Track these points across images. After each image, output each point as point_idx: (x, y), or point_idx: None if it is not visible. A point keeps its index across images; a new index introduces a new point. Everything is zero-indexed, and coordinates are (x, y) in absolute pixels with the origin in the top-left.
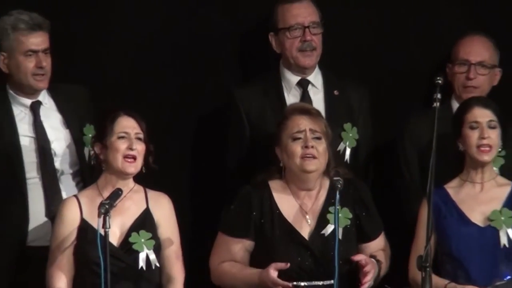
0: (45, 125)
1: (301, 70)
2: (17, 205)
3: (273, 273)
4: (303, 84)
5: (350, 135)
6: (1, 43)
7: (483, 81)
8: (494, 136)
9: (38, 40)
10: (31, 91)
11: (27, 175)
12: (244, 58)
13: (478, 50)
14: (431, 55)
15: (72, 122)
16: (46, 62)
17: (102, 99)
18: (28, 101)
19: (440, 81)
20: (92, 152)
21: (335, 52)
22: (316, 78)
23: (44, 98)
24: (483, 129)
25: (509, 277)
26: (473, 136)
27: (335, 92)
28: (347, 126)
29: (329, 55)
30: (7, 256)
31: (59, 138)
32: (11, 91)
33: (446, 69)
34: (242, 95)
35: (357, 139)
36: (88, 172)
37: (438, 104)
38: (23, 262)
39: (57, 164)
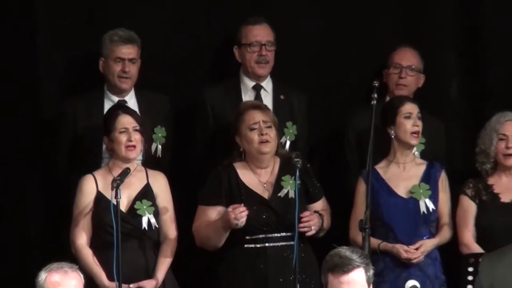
0: None
1: (256, 77)
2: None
3: (229, 208)
4: (257, 88)
5: (291, 131)
6: (102, 50)
7: (411, 81)
8: (420, 125)
9: (126, 51)
10: (118, 91)
11: (103, 155)
12: (213, 65)
13: (408, 57)
14: (368, 64)
15: (146, 121)
16: (130, 68)
17: None
18: (116, 99)
19: (376, 84)
20: (155, 146)
21: (287, 61)
22: (267, 84)
23: (131, 99)
24: (415, 118)
25: (427, 236)
26: (408, 124)
27: (281, 97)
28: (289, 124)
29: (281, 64)
30: None
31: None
32: (106, 90)
33: (383, 73)
34: (210, 94)
35: (296, 134)
36: (151, 161)
37: (375, 102)
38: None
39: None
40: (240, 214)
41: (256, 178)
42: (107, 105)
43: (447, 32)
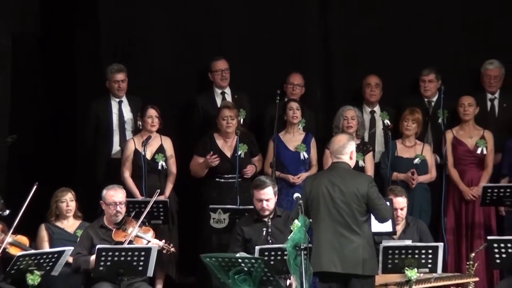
0: (123, 109)
1: (221, 88)
2: (107, 141)
3: (207, 157)
4: (223, 93)
5: (242, 114)
6: (107, 77)
7: (299, 92)
8: (298, 114)
9: (119, 77)
10: (117, 96)
11: (114, 128)
12: (201, 81)
13: (297, 78)
14: (274, 79)
15: (133, 110)
16: (122, 87)
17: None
18: (117, 99)
19: (279, 92)
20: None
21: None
22: (228, 90)
23: (125, 99)
24: (294, 109)
25: (304, 171)
26: (290, 113)
27: (235, 96)
28: (241, 110)
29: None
30: (104, 161)
31: (127, 115)
32: (111, 96)
33: (284, 87)
34: (199, 98)
35: (245, 115)
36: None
37: (278, 101)
38: (109, 164)
39: (126, 126)
40: (212, 160)
41: (225, 143)
42: (113, 103)
43: (315, 61)
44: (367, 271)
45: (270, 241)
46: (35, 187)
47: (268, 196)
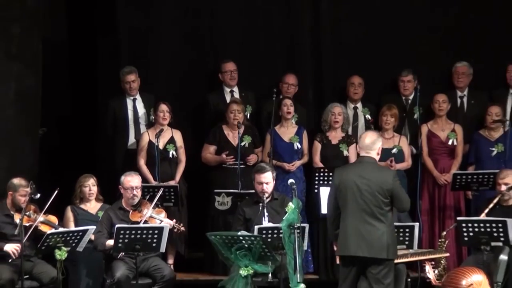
0: (137, 106)
1: (230, 86)
2: (124, 134)
3: (222, 155)
4: (232, 91)
5: (248, 109)
6: (120, 78)
7: (292, 91)
8: (292, 110)
9: (129, 78)
10: (131, 95)
11: (129, 122)
12: (212, 80)
13: (292, 78)
14: (270, 78)
15: (146, 106)
16: (133, 86)
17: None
18: (132, 97)
19: (275, 90)
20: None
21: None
22: (236, 88)
23: (138, 97)
24: (288, 106)
25: (297, 159)
26: (285, 109)
27: (243, 94)
28: (248, 106)
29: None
30: (121, 152)
31: (141, 111)
32: (126, 95)
33: (279, 85)
34: (210, 96)
35: (251, 110)
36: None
37: (274, 98)
38: (126, 154)
39: (140, 120)
40: (228, 159)
41: (231, 134)
42: (128, 100)
43: (307, 64)
44: (391, 255)
45: (266, 214)
46: (56, 192)
47: (267, 180)
